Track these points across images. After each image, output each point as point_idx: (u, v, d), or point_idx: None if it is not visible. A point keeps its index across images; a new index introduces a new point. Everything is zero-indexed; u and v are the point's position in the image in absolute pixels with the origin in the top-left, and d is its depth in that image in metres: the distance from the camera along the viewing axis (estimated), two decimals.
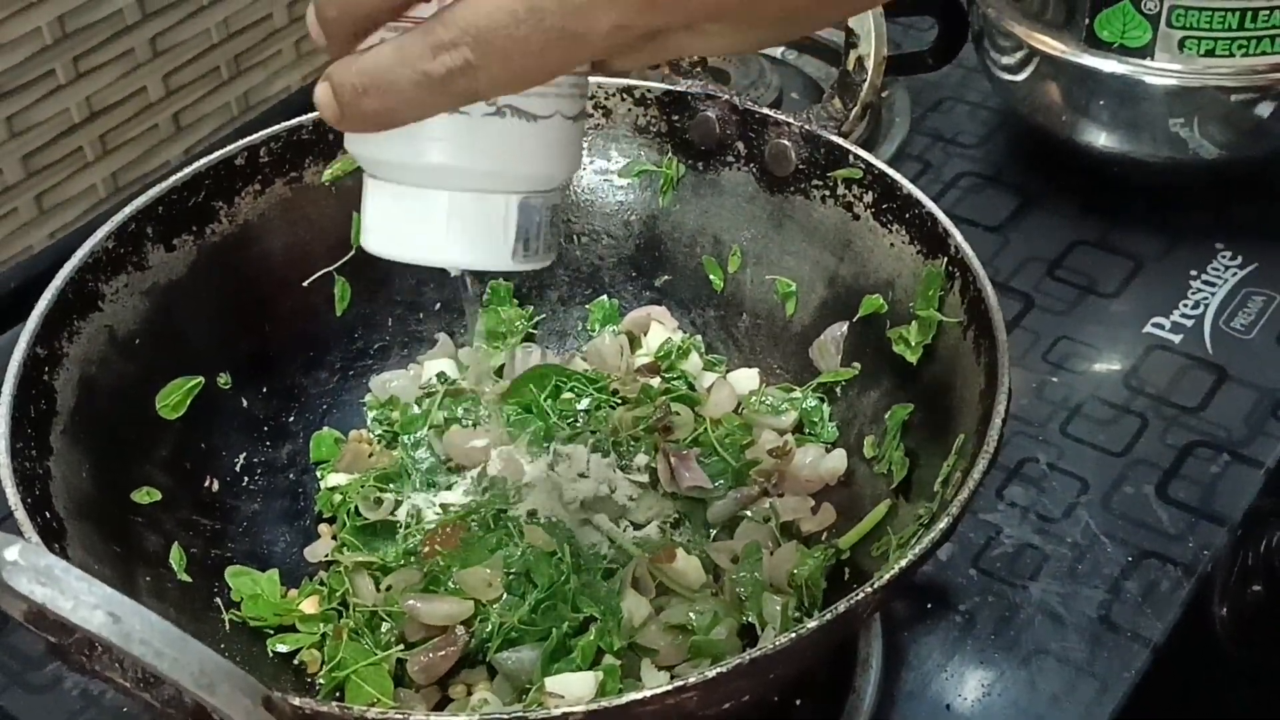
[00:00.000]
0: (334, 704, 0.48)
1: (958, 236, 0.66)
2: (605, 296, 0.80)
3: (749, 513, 0.70)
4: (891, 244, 0.70)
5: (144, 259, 0.70)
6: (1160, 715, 0.75)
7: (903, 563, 0.53)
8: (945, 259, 0.66)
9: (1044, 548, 0.78)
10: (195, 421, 0.71)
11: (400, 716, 0.48)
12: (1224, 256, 0.95)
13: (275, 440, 0.75)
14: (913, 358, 0.67)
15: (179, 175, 0.73)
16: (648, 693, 0.48)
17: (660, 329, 0.78)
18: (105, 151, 1.08)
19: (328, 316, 0.77)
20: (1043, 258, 0.96)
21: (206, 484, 0.70)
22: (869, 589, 0.52)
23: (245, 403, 0.74)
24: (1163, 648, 0.73)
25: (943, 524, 0.54)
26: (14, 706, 0.72)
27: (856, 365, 0.72)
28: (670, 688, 0.48)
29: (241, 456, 0.73)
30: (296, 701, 0.48)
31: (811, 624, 0.50)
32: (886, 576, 0.52)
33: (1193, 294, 0.92)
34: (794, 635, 0.50)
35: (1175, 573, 0.76)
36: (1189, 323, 0.90)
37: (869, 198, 0.72)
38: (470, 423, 0.73)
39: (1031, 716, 0.70)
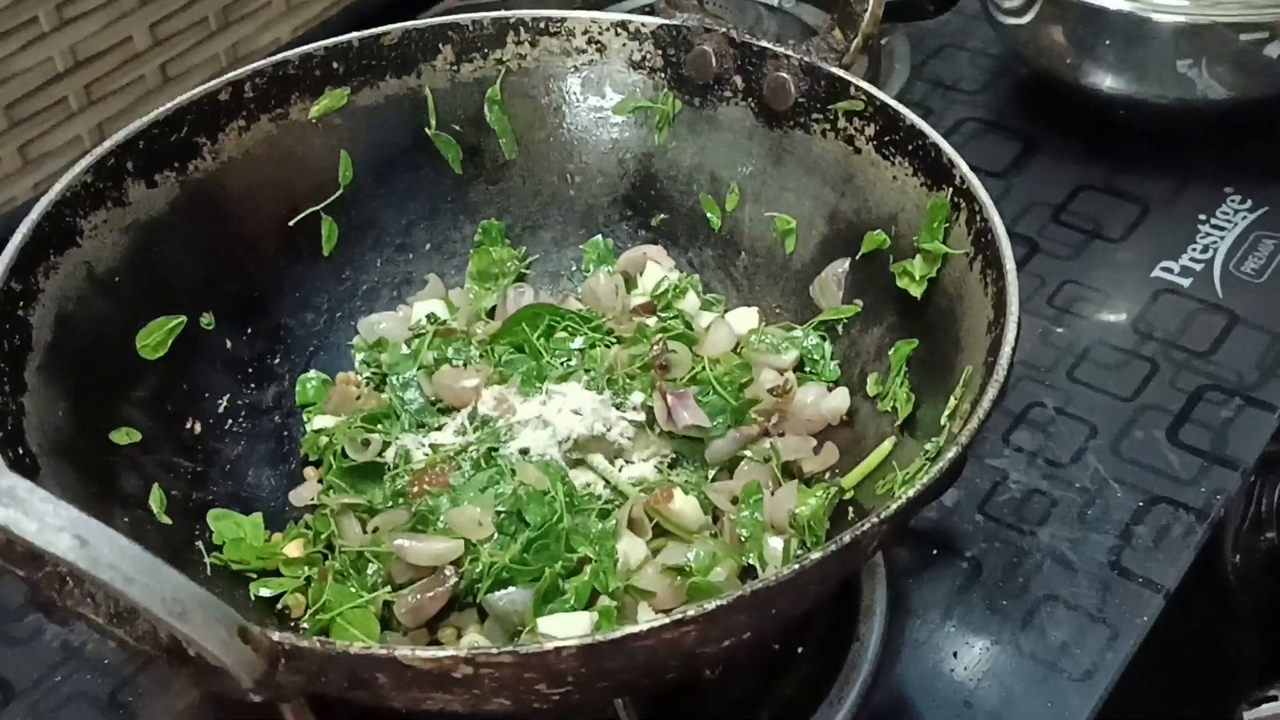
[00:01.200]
0: (315, 639, 0.46)
1: (963, 166, 0.63)
2: (600, 236, 0.78)
3: (749, 452, 0.67)
4: (894, 177, 0.68)
5: (124, 194, 0.68)
6: (1171, 663, 0.74)
7: (910, 494, 0.51)
8: (950, 189, 0.64)
9: (1052, 493, 0.75)
10: (177, 362, 0.68)
11: (383, 652, 0.46)
12: (1233, 200, 0.93)
13: (260, 382, 0.72)
14: (917, 292, 0.65)
15: (161, 110, 0.70)
16: (644, 626, 0.46)
17: (656, 269, 0.76)
18: (90, 102, 1.05)
19: (314, 257, 0.75)
20: (1047, 202, 0.93)
21: (188, 426, 0.68)
22: (874, 520, 0.50)
23: (229, 344, 0.72)
24: (1175, 594, 0.71)
25: (951, 454, 0.52)
26: None
27: (859, 302, 0.69)
28: (668, 621, 0.46)
29: (225, 399, 0.71)
30: (276, 636, 0.46)
31: (815, 555, 0.48)
32: (893, 508, 0.50)
33: (1201, 238, 0.90)
34: (796, 568, 0.48)
35: (1188, 518, 0.74)
36: (1198, 267, 0.88)
37: (870, 130, 0.69)
38: (461, 363, 0.71)
39: (1041, 664, 0.68)
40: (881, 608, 0.69)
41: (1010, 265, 0.58)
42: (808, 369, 0.71)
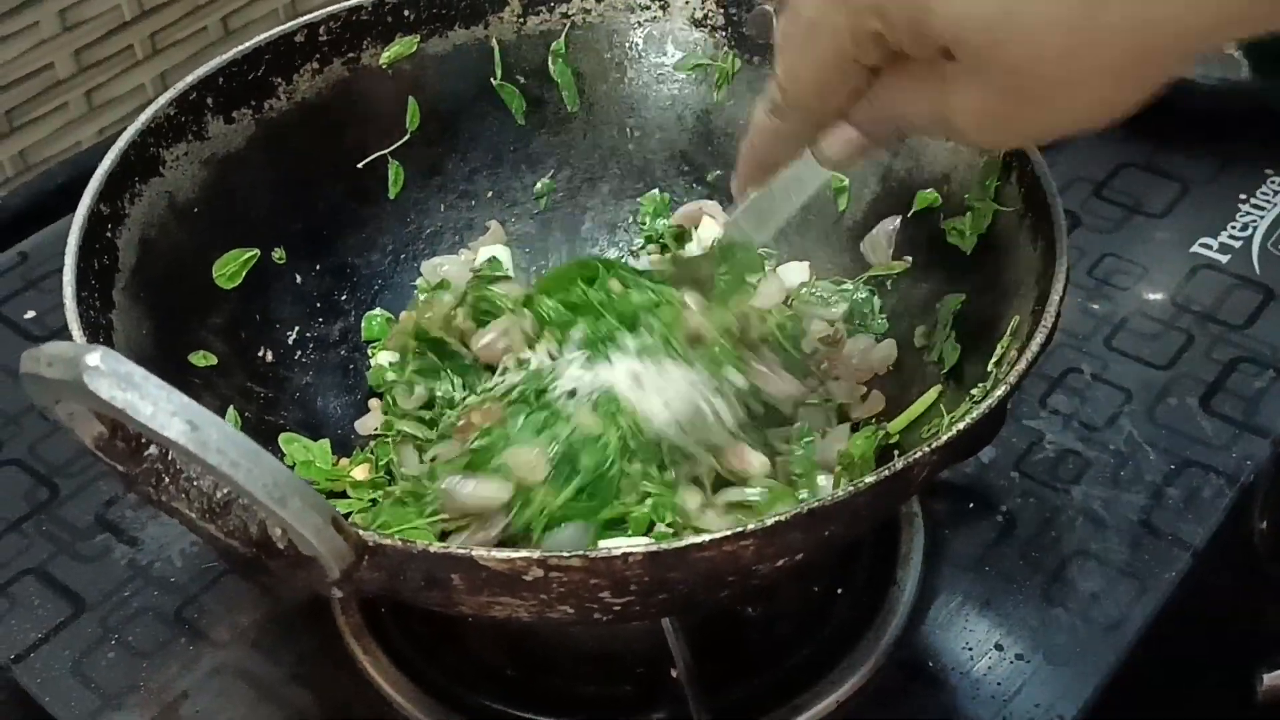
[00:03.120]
0: (397, 538, 0.49)
1: None
2: (656, 190, 0.80)
3: (811, 399, 0.69)
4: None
5: (203, 129, 0.71)
6: (1196, 623, 0.76)
7: (959, 427, 0.53)
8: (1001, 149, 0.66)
9: (1086, 454, 0.78)
10: (251, 293, 0.71)
11: (460, 552, 0.49)
12: (1274, 182, 0.94)
13: (328, 316, 0.75)
14: (967, 247, 0.67)
15: (239, 49, 0.73)
16: (706, 538, 0.49)
17: (711, 223, 0.78)
18: (154, 51, 1.08)
19: (381, 199, 0.78)
20: (1089, 179, 0.95)
21: (261, 354, 0.71)
22: (925, 450, 0.52)
23: (299, 279, 0.74)
24: (1203, 552, 0.73)
25: (1000, 392, 0.55)
26: (63, 575, 0.73)
27: (909, 258, 0.72)
28: (730, 533, 0.48)
29: (295, 330, 0.73)
30: (362, 532, 0.48)
31: (869, 479, 0.51)
32: (944, 439, 0.53)
33: (1241, 216, 0.92)
34: (852, 489, 0.50)
35: (1218, 481, 0.76)
36: (1236, 244, 0.90)
37: None
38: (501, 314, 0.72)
39: (1071, 613, 0.70)
40: (919, 555, 0.72)
41: (1060, 218, 0.61)
42: (856, 322, 0.73)
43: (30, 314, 0.88)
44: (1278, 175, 0.94)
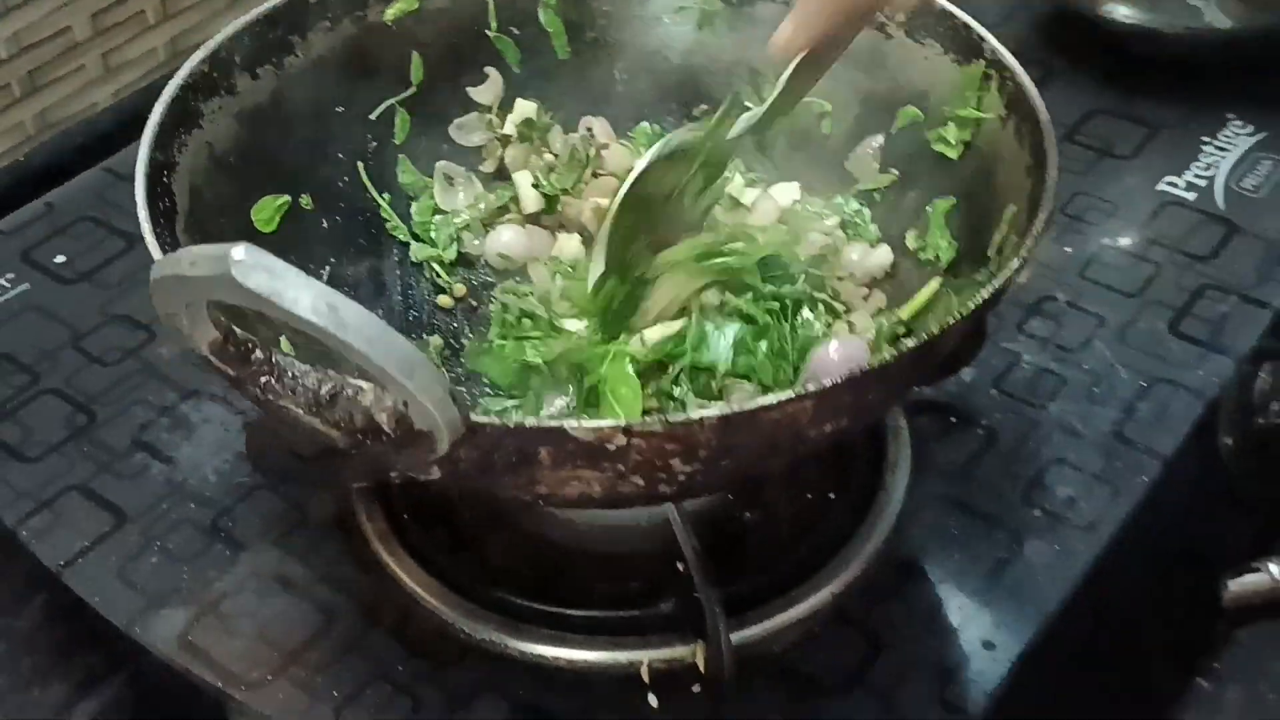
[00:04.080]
0: (493, 416, 0.54)
1: (993, 40, 0.71)
2: (646, 124, 0.85)
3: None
4: (925, 57, 0.75)
5: (233, 84, 0.75)
6: (1167, 528, 0.81)
7: (986, 293, 0.57)
8: (982, 61, 0.71)
9: (1062, 373, 0.83)
10: (286, 236, 0.75)
11: (554, 423, 0.53)
12: (1235, 125, 1.00)
13: (354, 258, 0.80)
14: (954, 155, 0.72)
15: (260, 9, 0.77)
16: (774, 399, 0.53)
17: None
18: (167, 16, 1.12)
19: (390, 146, 0.82)
20: (1061, 124, 1.00)
21: None
22: (960, 314, 0.57)
23: (324, 223, 0.79)
24: (1172, 461, 0.78)
25: (1015, 263, 0.58)
26: (105, 490, 0.78)
27: (894, 171, 0.77)
28: (792, 395, 0.53)
29: (326, 270, 0.78)
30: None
31: (910, 342, 0.56)
32: (973, 304, 0.57)
33: (1205, 157, 0.97)
34: (895, 352, 0.55)
35: (1186, 397, 0.81)
36: (1202, 182, 0.95)
37: (901, 17, 0.76)
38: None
39: (1048, 515, 0.75)
40: (906, 464, 0.77)
41: (1046, 118, 0.65)
42: (849, 233, 0.78)
43: (60, 258, 0.93)
44: (1239, 119, 1.00)
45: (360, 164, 0.81)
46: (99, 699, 0.79)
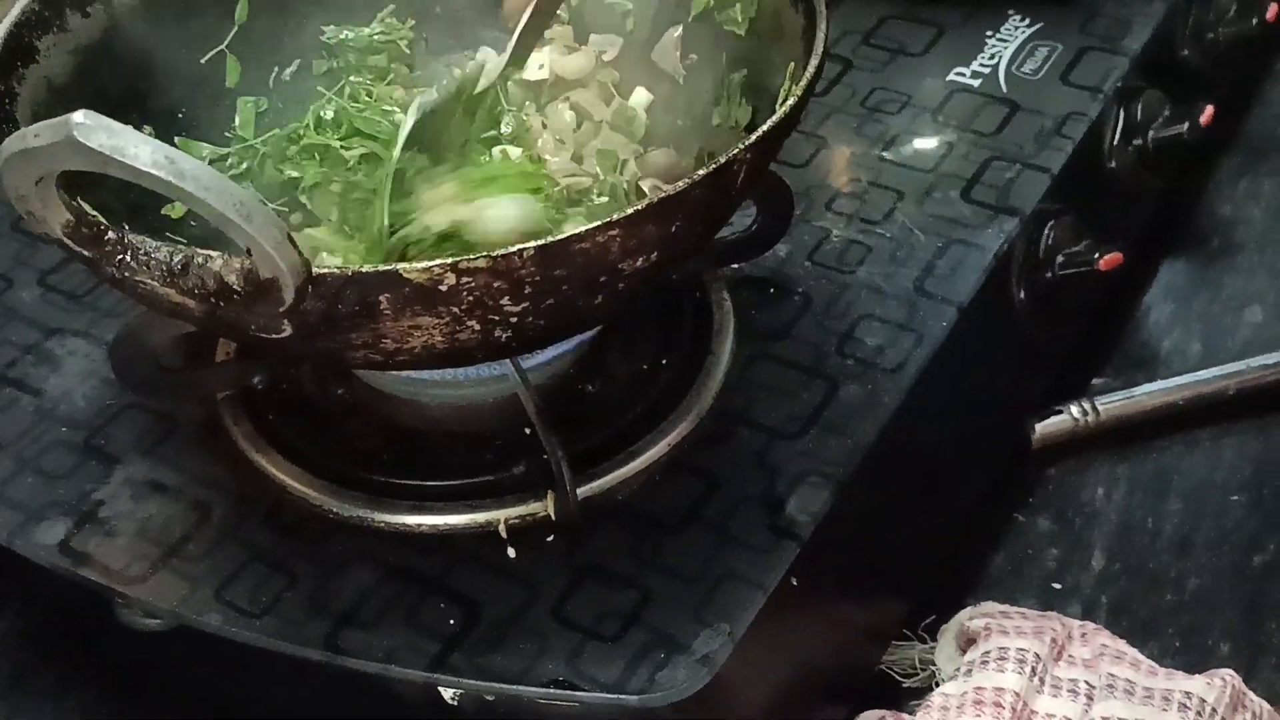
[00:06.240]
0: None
1: None
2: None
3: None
4: None
5: (65, 22, 0.79)
6: (968, 373, 0.89)
7: (765, 127, 0.64)
8: None
9: (867, 243, 0.91)
10: None
11: (387, 268, 0.58)
12: (1015, 19, 1.08)
13: None
14: (741, 30, 0.79)
15: None
16: (583, 228, 0.59)
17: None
18: None
19: (224, 89, 0.87)
20: (858, 30, 1.08)
21: (162, 212, 0.80)
22: (741, 145, 0.63)
23: None
24: (967, 308, 0.86)
25: (792, 100, 0.66)
26: None
27: (693, 56, 0.83)
28: (599, 224, 0.59)
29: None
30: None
31: (700, 173, 0.62)
32: (755, 136, 0.64)
33: (989, 49, 1.06)
34: (686, 183, 0.61)
35: (978, 253, 0.89)
36: (986, 70, 1.04)
37: None
38: None
39: (860, 362, 0.82)
40: (729, 330, 0.84)
41: None
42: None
43: None
44: (1018, 14, 1.09)
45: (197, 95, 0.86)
46: None
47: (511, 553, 0.73)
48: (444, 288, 0.59)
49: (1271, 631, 0.86)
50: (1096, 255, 0.92)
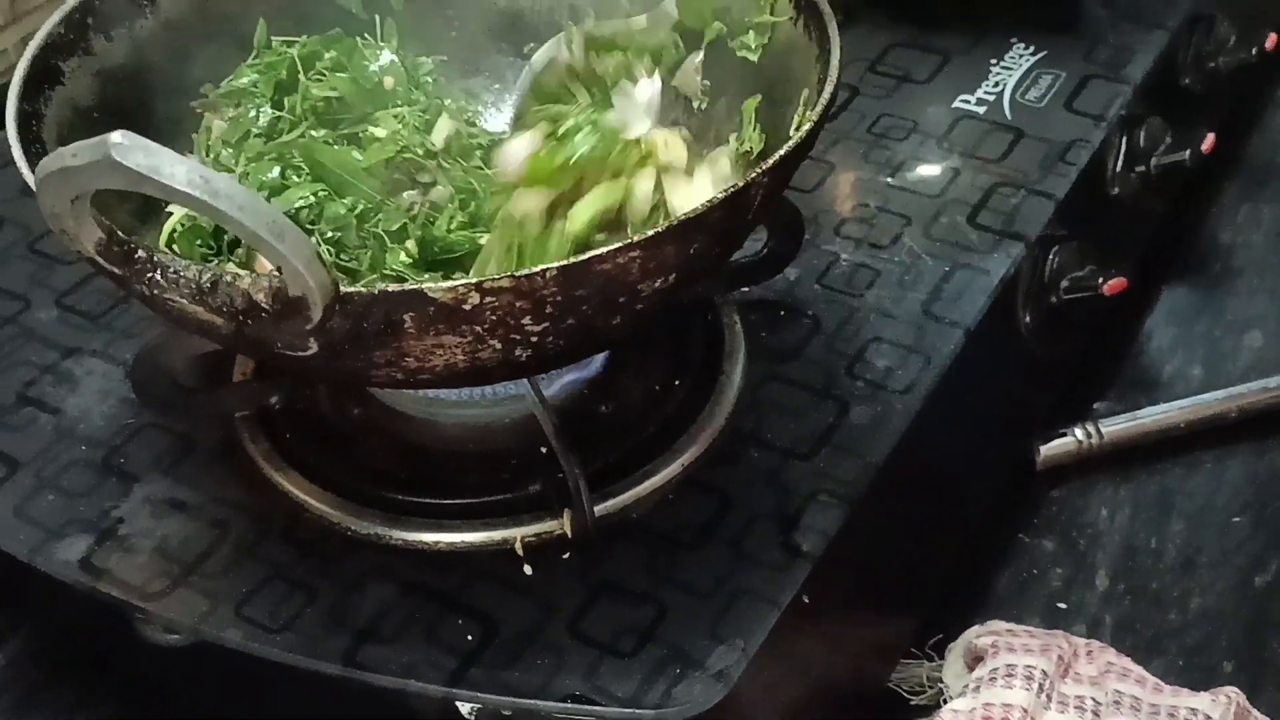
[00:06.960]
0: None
1: None
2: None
3: None
4: None
5: (90, 45, 0.81)
6: (976, 393, 0.90)
7: (783, 151, 0.65)
8: None
9: (875, 267, 0.92)
10: None
11: (413, 287, 0.59)
12: (1019, 48, 1.10)
13: None
14: (754, 57, 0.81)
15: None
16: (603, 250, 0.60)
17: None
18: (15, 18, 1.17)
19: None
20: (865, 58, 1.10)
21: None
22: (760, 169, 0.64)
23: None
24: (975, 331, 0.87)
25: (808, 126, 0.67)
26: None
27: (706, 82, 0.85)
28: (620, 245, 0.60)
29: None
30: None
31: (719, 195, 0.63)
32: (773, 160, 0.65)
33: (993, 76, 1.08)
34: (706, 205, 0.62)
35: (984, 277, 0.91)
36: (991, 98, 1.06)
37: None
38: None
39: (869, 384, 0.84)
40: (741, 353, 0.85)
41: (827, 9, 0.74)
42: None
43: None
44: (1021, 42, 1.11)
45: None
46: (5, 652, 0.84)
47: (528, 570, 0.74)
48: (468, 306, 0.60)
49: (1274, 650, 0.87)
50: (1101, 280, 0.94)
